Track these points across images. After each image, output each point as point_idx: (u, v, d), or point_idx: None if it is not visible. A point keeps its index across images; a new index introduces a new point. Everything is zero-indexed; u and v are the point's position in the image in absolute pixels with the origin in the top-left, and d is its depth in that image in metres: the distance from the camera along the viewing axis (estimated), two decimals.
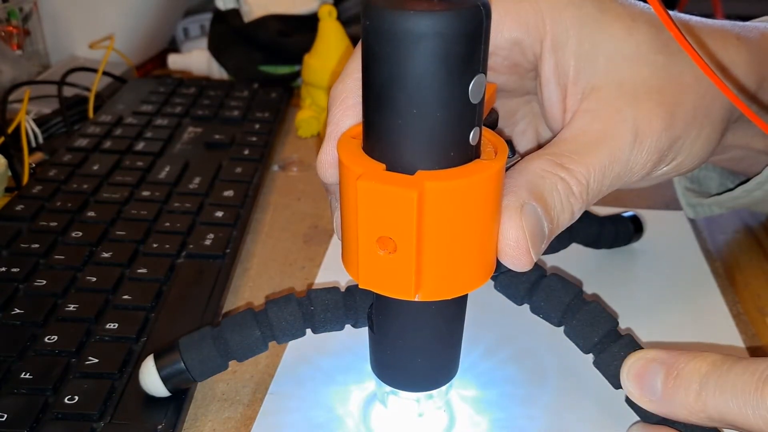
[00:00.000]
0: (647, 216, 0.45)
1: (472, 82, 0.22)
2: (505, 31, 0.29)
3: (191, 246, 0.41)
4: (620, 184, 0.29)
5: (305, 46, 0.60)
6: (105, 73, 0.63)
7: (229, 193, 0.46)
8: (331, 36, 0.58)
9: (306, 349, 0.35)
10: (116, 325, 0.34)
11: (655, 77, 0.28)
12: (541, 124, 0.34)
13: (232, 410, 0.32)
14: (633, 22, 0.29)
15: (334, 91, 0.29)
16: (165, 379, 0.29)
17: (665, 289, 0.40)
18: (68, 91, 0.60)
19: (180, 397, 0.31)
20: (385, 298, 0.26)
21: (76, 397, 0.30)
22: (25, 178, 0.50)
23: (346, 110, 0.28)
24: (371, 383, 0.32)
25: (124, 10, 0.71)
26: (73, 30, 0.70)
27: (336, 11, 0.58)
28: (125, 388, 0.31)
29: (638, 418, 0.29)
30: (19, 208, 0.43)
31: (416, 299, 0.24)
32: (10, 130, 0.53)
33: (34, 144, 0.55)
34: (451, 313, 0.27)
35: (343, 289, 0.31)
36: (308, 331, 0.31)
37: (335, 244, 0.44)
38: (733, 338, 0.36)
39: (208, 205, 0.45)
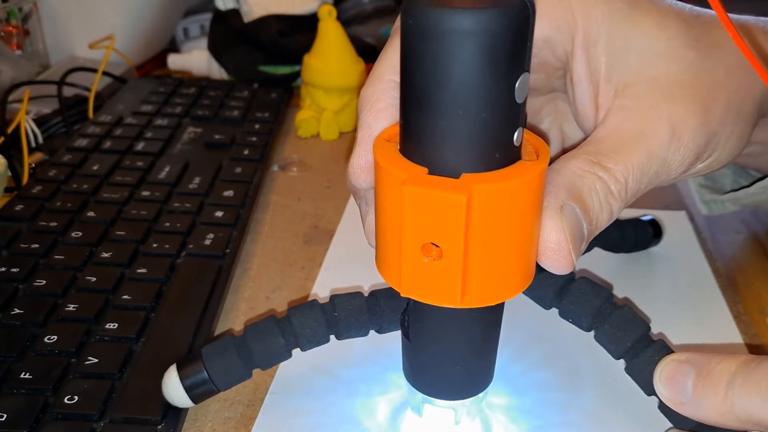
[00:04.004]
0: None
1: (518, 81, 0.21)
2: (536, 29, 0.28)
3: (191, 246, 0.40)
4: (658, 182, 0.28)
5: (305, 46, 0.60)
6: (105, 73, 0.63)
7: (229, 193, 0.46)
8: (331, 36, 0.58)
9: None
10: (116, 325, 0.34)
11: (688, 73, 0.28)
12: (566, 121, 0.34)
13: (232, 410, 0.32)
14: (663, 18, 0.28)
15: (364, 94, 0.28)
16: (188, 390, 0.29)
17: (666, 290, 0.40)
18: (68, 91, 0.60)
19: None
20: (424, 306, 0.25)
21: (76, 397, 0.30)
22: (25, 178, 0.50)
23: (378, 113, 0.27)
24: (370, 376, 0.32)
25: (124, 10, 0.71)
26: (73, 30, 0.70)
27: (336, 11, 0.58)
28: (125, 388, 0.31)
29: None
30: (18, 208, 0.43)
31: (460, 306, 0.23)
32: (9, 130, 0.53)
33: (33, 144, 0.55)
34: (492, 319, 0.27)
35: (366, 294, 0.31)
36: (332, 337, 0.30)
37: (336, 244, 0.44)
38: (734, 339, 0.36)
39: (208, 205, 0.45)
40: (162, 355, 0.32)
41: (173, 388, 0.29)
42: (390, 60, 0.27)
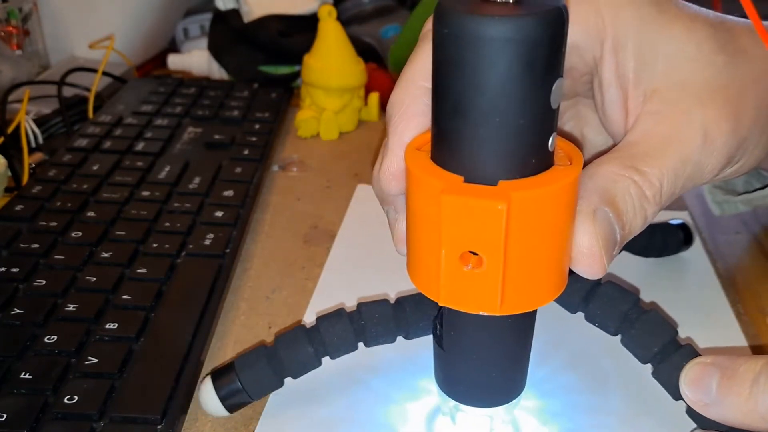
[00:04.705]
0: None
1: (553, 87, 0.21)
2: None
3: (191, 246, 0.40)
4: (691, 186, 0.28)
5: (305, 46, 0.60)
6: (105, 73, 0.63)
7: (229, 193, 0.46)
8: (331, 36, 0.58)
9: None
10: (116, 325, 0.34)
11: (717, 78, 0.28)
12: (587, 125, 0.34)
13: None
14: (692, 23, 0.28)
15: (394, 99, 0.28)
16: (223, 399, 0.30)
17: (669, 291, 0.40)
18: (68, 91, 0.60)
19: (180, 396, 0.31)
20: (459, 314, 0.25)
21: (76, 397, 0.30)
22: (25, 178, 0.50)
23: (409, 120, 0.27)
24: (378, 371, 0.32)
25: (124, 10, 0.71)
26: (73, 30, 0.70)
27: (336, 11, 0.58)
28: (125, 387, 0.31)
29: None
30: (18, 208, 0.43)
31: (499, 313, 0.23)
32: (9, 130, 0.53)
33: (33, 144, 0.55)
34: (527, 324, 0.27)
35: (392, 301, 0.31)
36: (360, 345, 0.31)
37: (338, 244, 0.44)
38: (737, 339, 0.36)
39: (208, 205, 0.45)
40: (162, 355, 0.32)
41: (209, 398, 0.30)
42: (420, 65, 0.27)
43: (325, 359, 0.31)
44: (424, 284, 0.24)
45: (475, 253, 0.22)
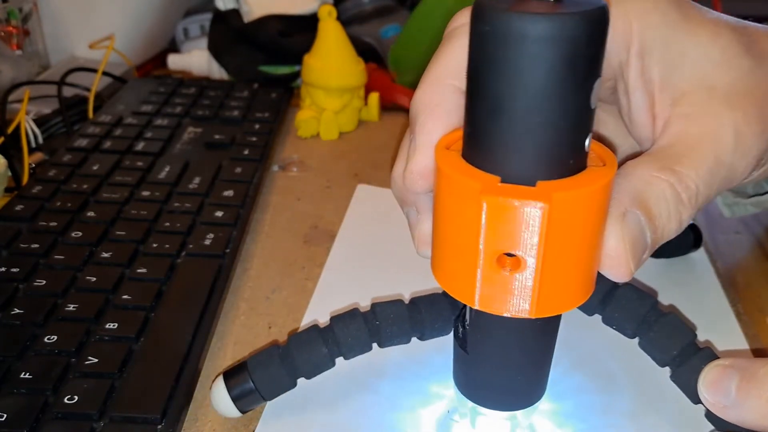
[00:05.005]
0: None
1: (594, 86, 0.21)
2: None
3: (191, 246, 0.40)
4: (723, 190, 0.28)
5: (305, 46, 0.60)
6: (105, 73, 0.63)
7: (229, 193, 0.46)
8: (331, 36, 0.58)
9: None
10: (116, 325, 0.34)
11: (744, 81, 0.28)
12: (602, 128, 0.33)
13: None
14: (716, 27, 0.28)
15: (420, 97, 0.27)
16: (235, 399, 0.29)
17: (669, 291, 0.40)
18: (68, 91, 0.60)
19: (180, 396, 0.31)
20: (487, 317, 0.24)
21: (76, 397, 0.30)
22: (25, 178, 0.50)
23: (438, 119, 0.26)
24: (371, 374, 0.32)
25: (124, 10, 0.71)
26: (73, 30, 0.70)
27: (336, 11, 0.58)
28: (125, 387, 0.31)
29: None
30: (18, 208, 0.43)
31: (534, 317, 0.23)
32: (9, 130, 0.53)
33: (33, 144, 0.55)
34: (554, 327, 0.27)
35: (407, 301, 0.31)
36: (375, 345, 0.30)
37: (337, 244, 0.44)
38: (737, 339, 0.36)
39: (208, 205, 0.45)
40: (162, 355, 0.32)
41: (220, 398, 0.30)
42: (448, 63, 0.27)
43: (338, 359, 0.31)
44: (456, 288, 0.24)
45: (510, 255, 0.22)
